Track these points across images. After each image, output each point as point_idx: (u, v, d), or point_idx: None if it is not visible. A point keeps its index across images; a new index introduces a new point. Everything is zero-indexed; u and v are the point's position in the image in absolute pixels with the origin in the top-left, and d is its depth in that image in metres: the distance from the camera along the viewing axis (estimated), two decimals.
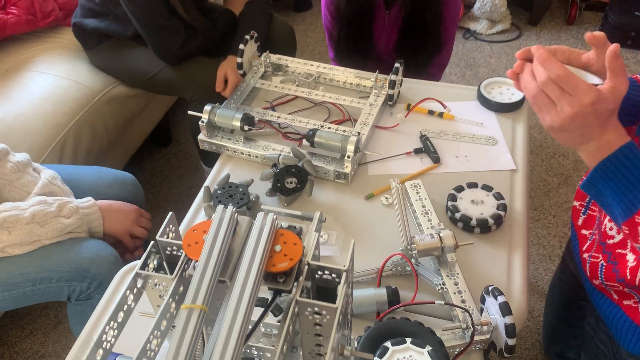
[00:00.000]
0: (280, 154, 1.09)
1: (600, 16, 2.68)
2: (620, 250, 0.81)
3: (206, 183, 1.10)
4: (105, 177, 1.36)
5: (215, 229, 0.46)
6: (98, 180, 1.35)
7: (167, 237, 0.51)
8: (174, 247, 0.49)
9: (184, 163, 2.16)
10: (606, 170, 0.70)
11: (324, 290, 0.47)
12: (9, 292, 1.13)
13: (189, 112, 1.22)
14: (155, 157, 2.18)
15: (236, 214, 0.49)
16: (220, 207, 0.48)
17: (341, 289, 0.44)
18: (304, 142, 1.13)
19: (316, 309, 0.43)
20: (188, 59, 1.57)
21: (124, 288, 0.67)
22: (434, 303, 0.83)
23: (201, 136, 1.17)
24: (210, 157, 1.32)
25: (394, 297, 0.84)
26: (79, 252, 1.15)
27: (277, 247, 0.45)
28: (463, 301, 0.83)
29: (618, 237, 0.83)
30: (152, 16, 1.46)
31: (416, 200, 1.01)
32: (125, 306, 0.46)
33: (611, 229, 0.84)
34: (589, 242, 0.92)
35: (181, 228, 1.04)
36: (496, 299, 0.78)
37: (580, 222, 0.96)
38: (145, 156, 2.15)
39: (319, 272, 0.46)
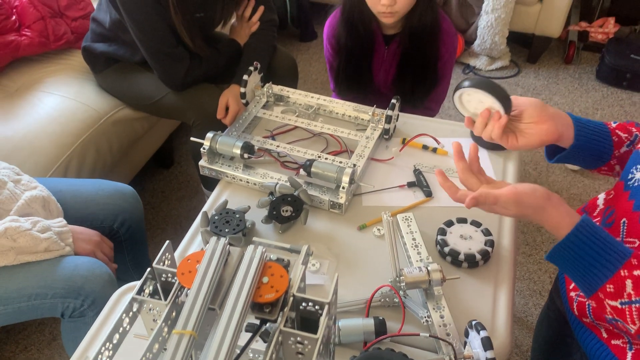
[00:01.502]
0: (277, 183, 1.12)
1: (598, 57, 2.74)
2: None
3: (204, 208, 1.14)
4: (106, 189, 1.40)
5: (207, 259, 0.49)
6: (99, 191, 1.39)
7: (163, 265, 0.54)
8: (169, 275, 0.52)
9: (184, 185, 2.19)
10: (560, 255, 0.76)
11: (307, 321, 0.50)
12: (4, 307, 1.16)
13: (192, 139, 1.26)
14: (156, 178, 2.22)
15: (228, 246, 0.53)
16: (213, 238, 0.52)
17: (323, 321, 0.47)
18: (301, 171, 1.16)
19: (299, 338, 0.46)
20: (192, 85, 1.62)
21: (120, 310, 0.70)
22: (419, 335, 0.85)
23: (202, 162, 1.21)
24: (210, 181, 1.36)
25: (380, 328, 0.86)
26: (74, 269, 1.17)
27: (265, 279, 0.49)
28: (448, 334, 0.86)
29: None
30: (159, 43, 1.51)
31: (407, 233, 1.04)
32: (121, 328, 0.49)
33: None
34: None
35: (178, 251, 1.06)
36: (479, 333, 0.80)
37: None
38: (146, 177, 2.19)
39: (304, 304, 0.49)
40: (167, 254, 0.54)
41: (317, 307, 0.49)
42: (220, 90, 1.60)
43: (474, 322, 0.85)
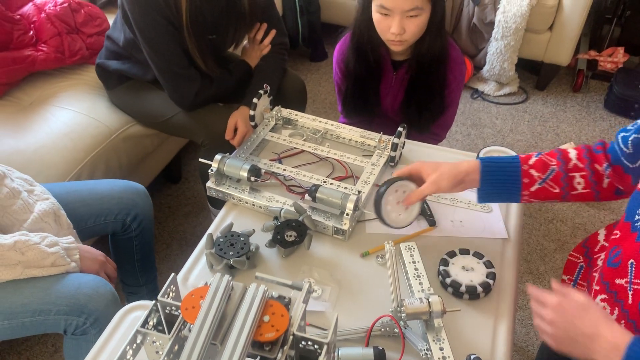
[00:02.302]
0: (282, 208, 1.14)
1: (606, 86, 2.75)
2: None
3: (209, 230, 1.15)
4: (120, 184, 1.48)
5: (211, 296, 0.51)
6: (114, 186, 1.45)
7: (168, 297, 0.55)
8: (173, 307, 0.53)
9: (191, 201, 2.21)
10: None
11: (306, 359, 0.51)
12: (9, 322, 1.17)
13: (200, 160, 1.28)
14: (164, 193, 2.24)
15: (232, 283, 0.54)
16: (217, 275, 0.53)
17: None
18: (306, 196, 1.18)
19: None
20: (202, 106, 1.65)
21: (123, 328, 0.71)
22: None
23: (209, 183, 1.23)
24: (217, 199, 1.38)
25: (380, 358, 0.87)
26: (78, 287, 1.18)
27: (266, 318, 0.50)
28: None
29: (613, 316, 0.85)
30: (171, 64, 1.54)
31: (409, 263, 1.05)
32: None
33: (604, 308, 0.87)
34: None
35: (182, 272, 1.08)
36: None
37: None
38: (154, 191, 2.21)
39: (303, 342, 0.50)
40: (171, 287, 0.55)
41: (316, 346, 0.50)
42: (229, 111, 1.62)
43: (472, 357, 0.86)
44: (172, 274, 0.56)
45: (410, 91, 1.57)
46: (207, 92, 1.61)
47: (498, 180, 1.00)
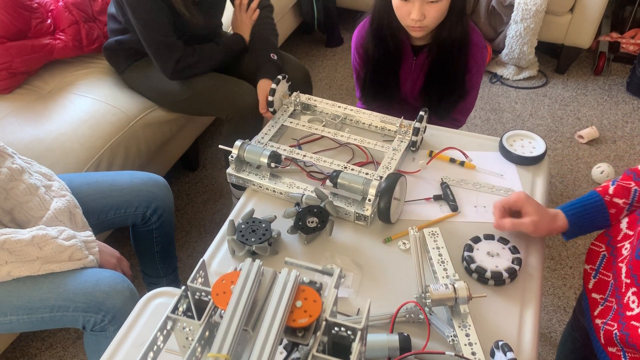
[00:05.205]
0: (303, 194, 1.13)
1: (629, 68, 2.69)
2: (634, 323, 0.83)
3: (231, 216, 1.15)
4: (140, 177, 1.47)
5: (242, 282, 0.50)
6: (134, 178, 1.45)
7: (197, 283, 0.55)
8: (203, 293, 0.53)
9: (209, 188, 2.21)
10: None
11: (339, 345, 0.50)
12: (28, 316, 1.17)
13: (220, 146, 1.27)
14: (182, 181, 2.24)
15: (262, 268, 0.53)
16: (248, 260, 0.52)
17: (355, 347, 0.47)
18: (327, 182, 1.16)
19: None
20: (189, 76, 1.65)
21: (145, 317, 0.70)
22: (444, 354, 0.85)
23: (229, 170, 1.22)
24: None
25: (405, 344, 0.86)
26: (95, 284, 1.18)
27: (298, 303, 0.49)
28: (473, 353, 0.85)
29: (637, 310, 0.84)
30: (153, 32, 1.56)
31: (433, 249, 1.03)
32: (155, 347, 0.50)
33: (633, 302, 0.85)
34: (601, 307, 0.93)
35: (204, 258, 1.08)
36: (505, 354, 0.80)
37: (591, 286, 0.97)
38: (172, 179, 2.22)
39: (336, 328, 0.49)
40: (201, 272, 0.55)
41: (349, 332, 0.50)
42: (252, 84, 1.62)
43: (500, 343, 0.84)
44: (202, 259, 0.56)
45: (430, 76, 1.55)
46: (189, 60, 1.61)
47: (587, 221, 1.00)
